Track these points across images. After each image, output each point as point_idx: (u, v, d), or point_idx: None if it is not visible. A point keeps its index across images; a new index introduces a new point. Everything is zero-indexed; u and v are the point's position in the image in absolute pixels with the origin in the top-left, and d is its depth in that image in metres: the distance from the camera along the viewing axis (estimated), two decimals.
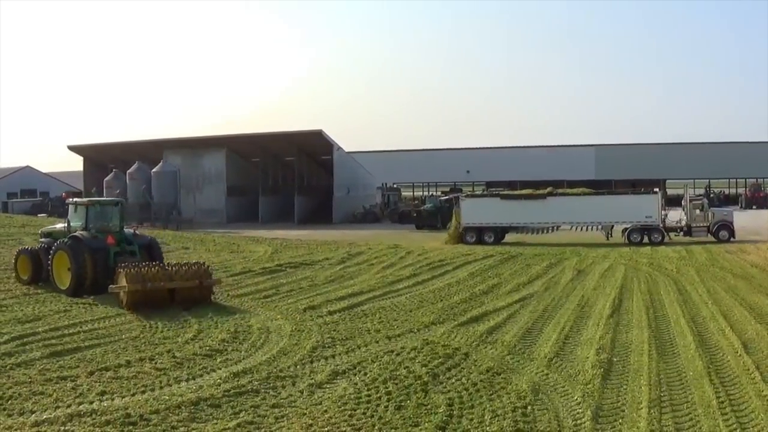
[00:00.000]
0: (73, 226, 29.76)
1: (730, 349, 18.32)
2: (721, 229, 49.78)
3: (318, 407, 13.95)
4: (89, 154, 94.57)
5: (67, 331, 20.83)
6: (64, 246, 28.10)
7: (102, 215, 30.19)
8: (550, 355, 17.91)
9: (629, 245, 47.63)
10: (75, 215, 30.25)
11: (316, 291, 28.63)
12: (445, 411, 13.68)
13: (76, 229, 29.35)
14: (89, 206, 30.10)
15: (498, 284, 29.97)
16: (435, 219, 66.71)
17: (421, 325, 21.79)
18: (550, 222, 52.91)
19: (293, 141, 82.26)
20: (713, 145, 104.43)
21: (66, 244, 28.16)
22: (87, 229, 28.98)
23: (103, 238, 28.45)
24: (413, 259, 38.74)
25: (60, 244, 28.44)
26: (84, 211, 29.78)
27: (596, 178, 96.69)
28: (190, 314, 23.47)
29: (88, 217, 29.42)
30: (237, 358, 18.00)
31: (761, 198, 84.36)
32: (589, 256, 39.22)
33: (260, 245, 47.29)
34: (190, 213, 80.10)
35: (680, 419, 13.31)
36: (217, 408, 13.94)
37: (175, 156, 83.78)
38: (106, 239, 28.43)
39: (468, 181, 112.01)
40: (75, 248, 27.82)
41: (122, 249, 28.74)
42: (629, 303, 25.14)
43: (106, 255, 28.08)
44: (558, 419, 13.40)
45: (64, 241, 28.42)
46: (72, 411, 13.65)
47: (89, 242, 28.04)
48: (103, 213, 30.36)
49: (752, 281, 29.60)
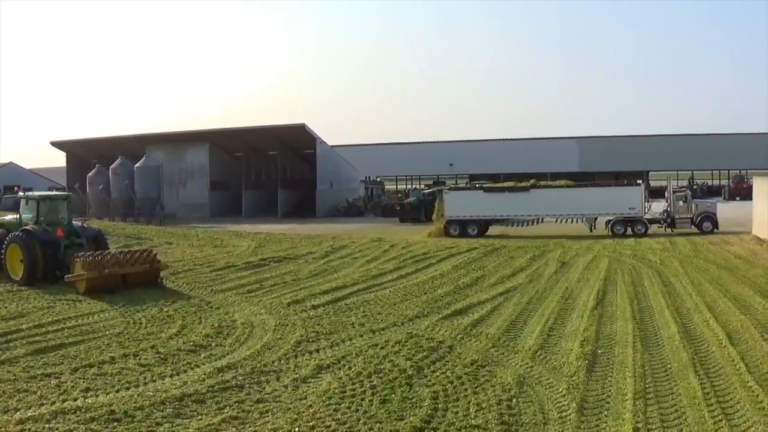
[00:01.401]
0: (24, 219, 31.13)
1: (714, 340, 18.34)
2: (705, 221, 49.86)
3: (302, 402, 13.90)
4: (72, 149, 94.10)
5: (51, 328, 20.75)
6: (16, 239, 29.53)
7: (52, 209, 31.65)
8: (534, 348, 17.90)
9: (613, 237, 47.72)
10: (26, 209, 31.72)
11: (300, 285, 28.57)
12: (429, 404, 13.66)
13: (27, 222, 30.72)
14: (40, 200, 31.44)
15: (482, 277, 29.97)
16: (418, 212, 66.83)
17: (405, 318, 21.76)
18: (533, 214, 52.78)
19: (276, 135, 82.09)
20: (696, 137, 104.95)
21: (18, 237, 29.49)
22: (38, 222, 30.43)
23: (53, 231, 29.95)
24: (397, 252, 38.74)
25: (12, 237, 29.77)
26: (35, 204, 31.17)
27: (580, 171, 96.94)
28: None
29: (39, 210, 30.86)
30: (221, 353, 17.94)
31: (744, 189, 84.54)
32: (572, 248, 39.28)
33: (244, 240, 47.22)
34: (174, 208, 79.93)
35: (665, 411, 13.31)
36: (201, 403, 13.89)
37: (158, 151, 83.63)
38: (56, 232, 29.93)
39: (451, 174, 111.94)
40: (27, 241, 29.31)
41: (71, 242, 30.25)
42: (613, 295, 25.15)
43: (57, 247, 29.64)
44: (543, 411, 13.38)
45: (16, 235, 29.69)
46: (56, 408, 13.58)
47: (40, 235, 29.54)
48: (53, 207, 31.83)
49: (736, 272, 29.67)
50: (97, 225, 41.22)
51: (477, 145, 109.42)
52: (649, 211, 51.91)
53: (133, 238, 47.74)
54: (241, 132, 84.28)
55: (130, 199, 76.51)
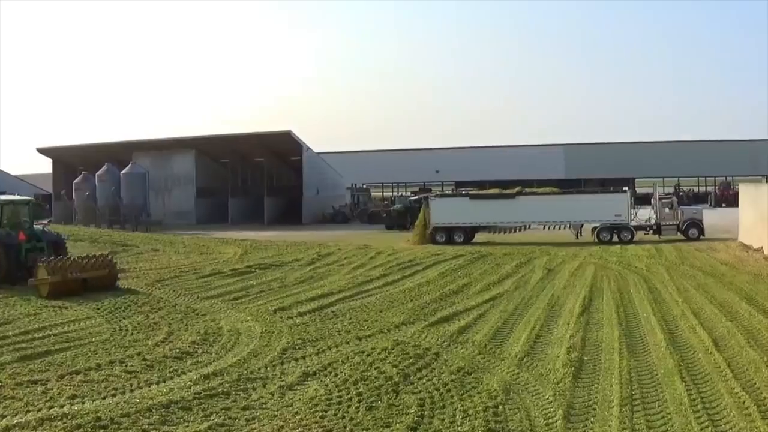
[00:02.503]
0: None
1: (700, 346, 18.40)
2: (691, 228, 50.03)
3: (289, 409, 13.89)
4: (58, 156, 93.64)
5: (37, 335, 20.73)
6: None
7: (15, 213, 32.78)
8: (520, 355, 17.92)
9: (599, 244, 47.82)
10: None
11: (286, 292, 28.55)
12: (416, 411, 13.65)
13: None
14: (3, 205, 32.37)
15: (468, 284, 29.99)
16: (404, 219, 66.65)
17: (391, 325, 21.76)
18: (519, 221, 52.80)
19: (262, 142, 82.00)
20: (683, 143, 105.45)
21: None
22: (1, 225, 31.56)
23: (16, 234, 31.05)
24: (383, 259, 38.75)
25: None
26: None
27: (566, 177, 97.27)
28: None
29: (2, 214, 31.84)
30: (207, 360, 17.92)
31: (730, 196, 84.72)
32: (558, 255, 39.32)
33: (230, 246, 47.18)
34: (160, 215, 79.70)
35: (652, 417, 13.34)
36: (187, 410, 13.85)
37: (145, 158, 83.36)
38: (18, 236, 31.01)
39: (437, 181, 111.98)
40: None
41: (33, 245, 31.35)
42: (599, 302, 25.21)
43: (18, 250, 30.73)
44: (529, 418, 13.40)
45: None
46: (43, 415, 13.54)
47: (3, 238, 30.69)
48: (15, 211, 32.92)
49: (722, 279, 29.75)
50: (84, 232, 41.27)
51: (463, 152, 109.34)
52: (635, 218, 52.03)
53: (119, 245, 47.70)
54: (228, 139, 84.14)
55: (116, 206, 76.18)
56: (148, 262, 37.80)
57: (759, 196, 41.94)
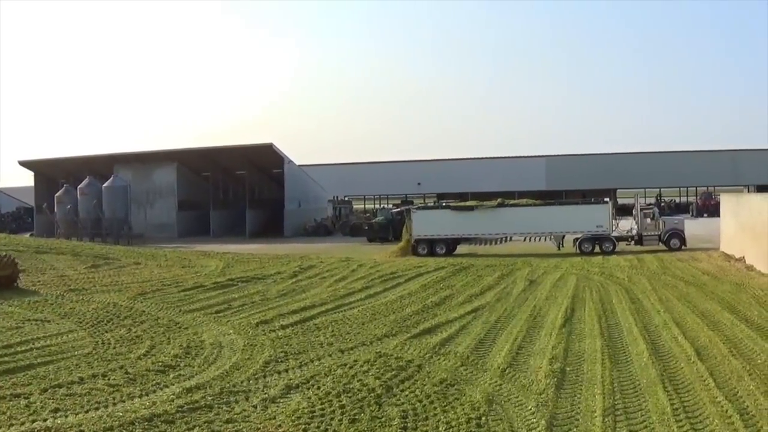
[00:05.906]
0: None
1: (683, 356, 18.48)
2: (672, 238, 50.22)
3: (272, 422, 13.87)
4: (40, 169, 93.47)
5: (20, 348, 20.56)
6: None
7: None
8: (503, 366, 17.94)
9: (581, 255, 47.98)
10: None
11: (269, 305, 28.50)
12: (399, 423, 13.66)
13: None
14: None
15: (450, 296, 30.03)
16: (387, 231, 66.73)
17: (373, 337, 21.76)
18: (501, 233, 52.89)
19: (244, 154, 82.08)
20: (664, 154, 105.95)
21: None
22: None
23: None
24: (365, 271, 38.72)
25: None
26: None
27: (547, 189, 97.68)
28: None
29: None
30: (190, 373, 17.87)
31: (712, 206, 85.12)
32: (540, 267, 39.43)
33: (212, 260, 47.01)
34: (141, 228, 79.55)
35: (635, 427, 13.39)
36: (170, 424, 13.81)
37: (126, 170, 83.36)
38: None
39: (419, 193, 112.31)
40: None
41: None
42: (581, 312, 25.28)
43: None
44: (512, 429, 13.43)
45: None
46: (26, 429, 13.48)
47: None
48: None
49: (704, 288, 29.89)
50: (66, 245, 41.62)
51: (445, 165, 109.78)
52: (617, 229, 52.24)
53: (101, 258, 47.39)
54: (210, 152, 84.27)
55: (98, 219, 76.01)
56: (130, 275, 37.64)
57: (740, 205, 42.20)
